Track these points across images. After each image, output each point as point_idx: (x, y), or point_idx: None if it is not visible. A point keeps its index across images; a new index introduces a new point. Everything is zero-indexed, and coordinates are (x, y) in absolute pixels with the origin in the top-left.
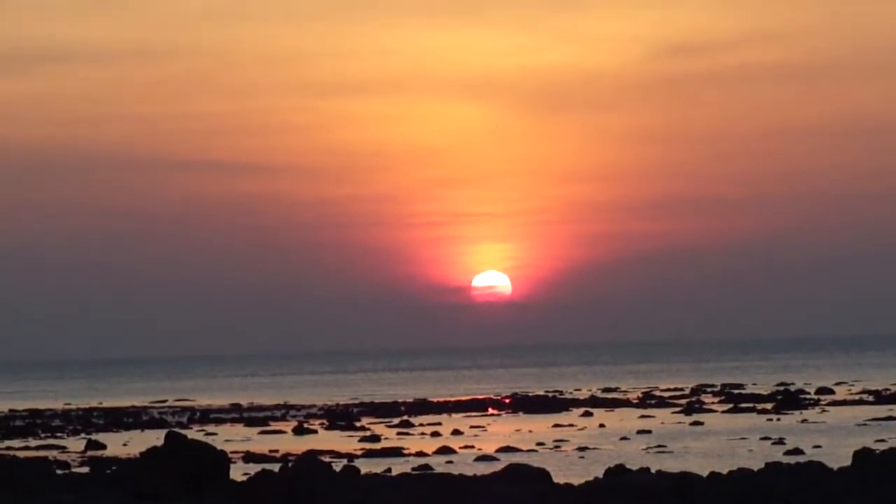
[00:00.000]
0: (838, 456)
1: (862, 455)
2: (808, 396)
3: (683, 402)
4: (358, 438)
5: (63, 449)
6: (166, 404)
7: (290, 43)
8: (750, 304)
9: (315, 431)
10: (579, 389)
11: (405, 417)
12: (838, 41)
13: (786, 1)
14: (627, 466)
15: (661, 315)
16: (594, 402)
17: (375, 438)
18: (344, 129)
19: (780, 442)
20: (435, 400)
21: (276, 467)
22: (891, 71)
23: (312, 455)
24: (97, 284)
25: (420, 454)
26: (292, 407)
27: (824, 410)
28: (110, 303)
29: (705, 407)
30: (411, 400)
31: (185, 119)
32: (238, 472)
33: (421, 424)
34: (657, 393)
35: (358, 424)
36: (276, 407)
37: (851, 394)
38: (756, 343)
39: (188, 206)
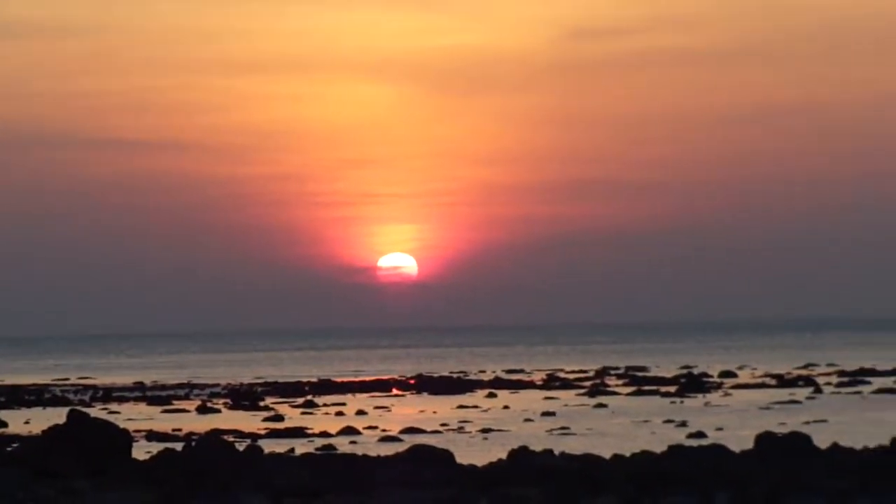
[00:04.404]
0: (741, 439)
1: (764, 438)
2: (711, 380)
3: (587, 384)
4: (261, 418)
5: None
6: (69, 382)
7: (199, 21)
8: (653, 287)
9: (218, 411)
10: (484, 371)
11: (309, 397)
12: (744, 27)
13: None
14: (531, 448)
15: (566, 298)
16: (498, 383)
17: (279, 418)
18: (251, 109)
19: (683, 424)
20: (339, 380)
21: (178, 446)
22: (794, 57)
23: (215, 434)
24: (2, 262)
25: (324, 434)
26: (196, 386)
27: (727, 394)
28: (15, 280)
29: (609, 389)
30: (315, 380)
31: (93, 96)
32: (141, 451)
33: (325, 404)
34: (561, 375)
35: (262, 404)
36: (180, 386)
37: (754, 377)
38: (662, 326)
39: (95, 183)
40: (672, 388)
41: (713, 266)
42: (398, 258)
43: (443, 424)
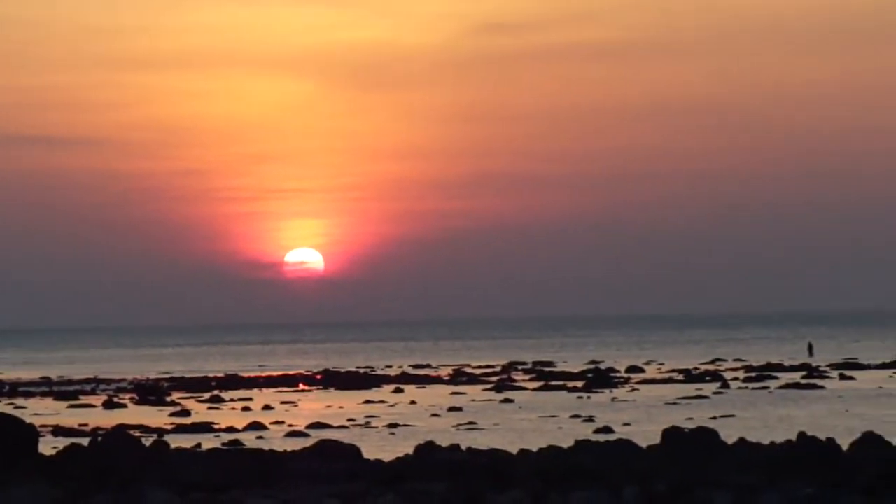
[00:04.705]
0: (648, 434)
1: (671, 433)
2: (618, 375)
3: (494, 379)
4: (168, 413)
5: None
6: None
7: (103, 17)
8: (562, 280)
9: (125, 406)
10: (391, 366)
11: (216, 392)
12: (652, 22)
13: None
14: (438, 443)
15: (475, 292)
16: (405, 378)
17: (185, 413)
18: (156, 104)
19: (590, 420)
20: (246, 375)
21: (85, 441)
22: (703, 51)
23: (122, 429)
24: None
25: (230, 429)
26: (102, 381)
27: (634, 389)
28: None
29: (516, 384)
30: (222, 375)
31: None
32: (47, 447)
33: (231, 399)
34: (468, 370)
35: (168, 399)
36: (86, 381)
37: (661, 372)
38: (569, 320)
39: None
40: (579, 384)
41: (623, 258)
42: (305, 253)
43: (349, 419)
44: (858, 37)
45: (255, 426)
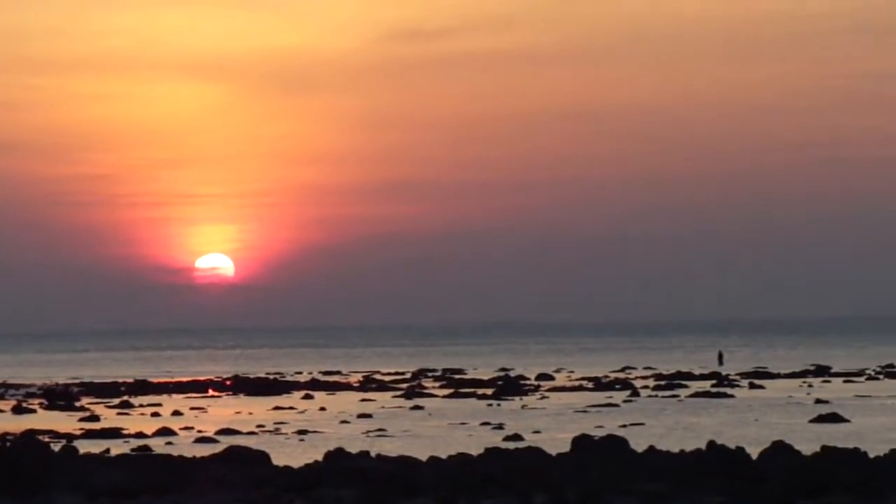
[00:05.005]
0: (557, 441)
1: (580, 440)
2: (528, 382)
3: (404, 386)
4: (77, 418)
5: None
6: None
7: (10, 19)
8: (475, 288)
9: (34, 411)
10: (300, 372)
11: (125, 398)
12: (566, 28)
13: None
14: (347, 450)
15: (386, 299)
16: (315, 384)
17: (95, 419)
18: (65, 108)
19: (500, 427)
20: (155, 381)
21: None
22: (614, 58)
23: (31, 435)
24: None
25: (139, 435)
26: (11, 386)
27: (544, 396)
28: None
29: (426, 391)
30: (131, 380)
31: None
32: None
33: (141, 405)
34: (378, 377)
35: (77, 404)
36: None
37: (571, 380)
38: (479, 327)
39: None
40: (489, 391)
41: (533, 268)
42: (215, 259)
43: (259, 426)
44: (764, 44)
45: (165, 432)
